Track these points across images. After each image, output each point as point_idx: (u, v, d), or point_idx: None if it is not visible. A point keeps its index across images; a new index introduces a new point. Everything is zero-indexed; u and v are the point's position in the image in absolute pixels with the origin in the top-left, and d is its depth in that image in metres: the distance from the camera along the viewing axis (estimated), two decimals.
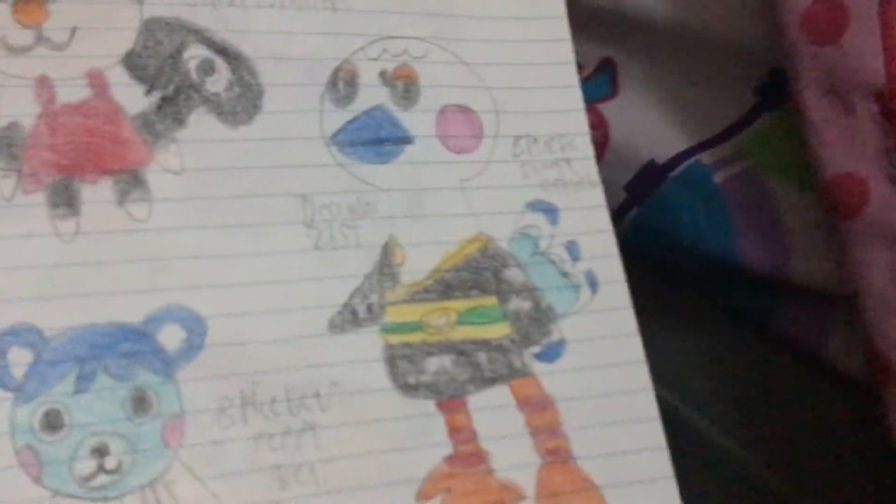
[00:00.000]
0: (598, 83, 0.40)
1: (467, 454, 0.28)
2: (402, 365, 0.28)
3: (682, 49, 0.38)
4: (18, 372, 0.25)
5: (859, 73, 0.31)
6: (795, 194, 0.36)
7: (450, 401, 0.28)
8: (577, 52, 0.41)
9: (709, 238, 0.38)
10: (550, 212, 0.31)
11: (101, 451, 0.25)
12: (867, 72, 0.31)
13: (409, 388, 0.28)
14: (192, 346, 0.27)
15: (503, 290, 0.30)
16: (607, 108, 0.40)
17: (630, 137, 0.39)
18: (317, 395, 0.27)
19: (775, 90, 0.36)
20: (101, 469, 0.25)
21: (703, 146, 0.38)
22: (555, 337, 0.30)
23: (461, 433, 0.28)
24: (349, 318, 0.28)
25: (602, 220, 0.32)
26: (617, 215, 0.40)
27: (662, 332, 0.37)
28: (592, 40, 0.40)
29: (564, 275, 0.31)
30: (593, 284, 0.31)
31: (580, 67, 0.41)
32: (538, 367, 0.30)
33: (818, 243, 0.34)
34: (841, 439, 0.35)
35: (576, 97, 0.33)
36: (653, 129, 0.39)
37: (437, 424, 0.28)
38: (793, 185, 0.36)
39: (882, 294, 0.31)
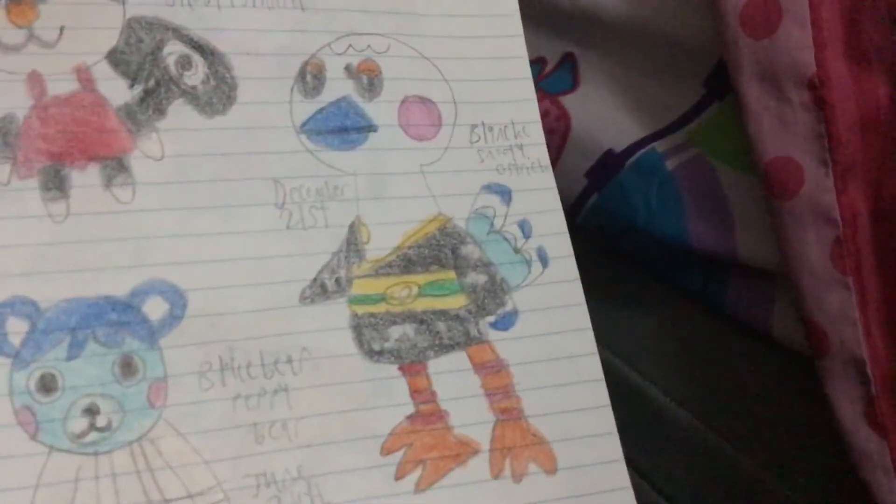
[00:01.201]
0: (561, 77, 0.43)
1: (427, 413, 0.31)
2: (367, 333, 0.31)
3: (635, 44, 0.40)
4: (16, 340, 0.28)
5: (793, 64, 0.34)
6: (741, 178, 0.38)
7: (411, 365, 0.31)
8: (541, 48, 0.44)
9: (662, 221, 0.41)
10: (504, 193, 0.34)
11: (92, 411, 0.28)
12: (799, 63, 0.33)
13: (373, 354, 0.31)
14: (174, 317, 0.30)
15: (461, 265, 0.33)
16: (569, 101, 0.43)
17: (590, 127, 0.42)
18: (289, 360, 0.30)
19: (721, 82, 0.38)
20: (93, 427, 0.28)
21: (656, 135, 0.41)
22: (508, 307, 0.33)
23: (422, 394, 0.31)
24: (318, 291, 0.32)
25: (552, 201, 0.35)
26: (578, 201, 0.43)
27: (617, 310, 0.40)
28: (555, 36, 0.43)
29: (517, 251, 0.34)
30: (544, 259, 0.34)
31: (544, 62, 0.44)
32: (493, 335, 0.33)
33: (762, 224, 0.37)
34: (784, 406, 0.38)
35: (528, 88, 0.36)
36: (611, 119, 0.42)
37: (400, 386, 0.31)
38: (738, 169, 0.38)
39: (817, 270, 0.33)
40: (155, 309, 0.30)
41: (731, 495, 0.37)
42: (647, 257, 0.43)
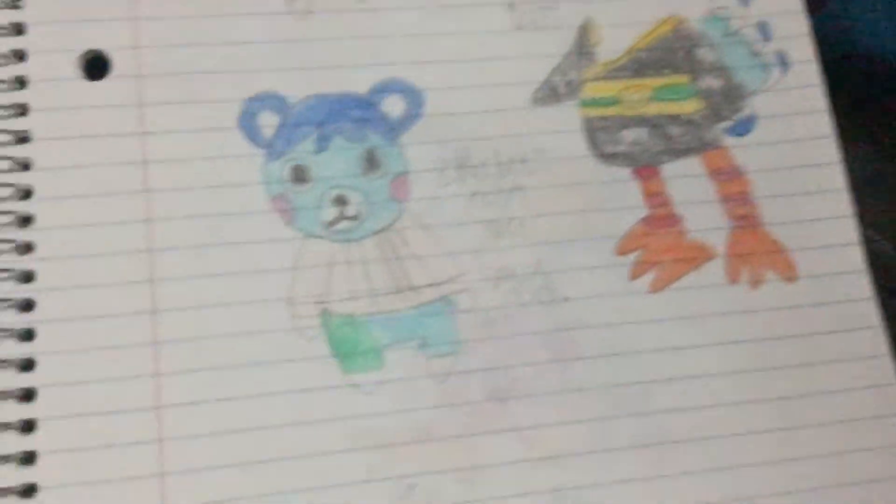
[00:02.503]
0: None
1: (662, 216, 0.31)
2: (599, 135, 0.31)
3: None
4: (268, 132, 0.30)
5: None
6: None
7: (644, 168, 0.31)
8: None
9: (890, 43, 0.38)
10: None
11: (341, 201, 0.30)
12: None
13: (606, 157, 0.31)
14: (412, 115, 0.31)
15: (695, 69, 0.32)
16: None
17: None
18: (523, 161, 0.31)
19: None
20: (343, 216, 0.29)
21: None
22: (745, 112, 0.32)
23: (656, 198, 0.31)
24: (549, 93, 0.32)
25: (793, 2, 0.33)
26: None
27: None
28: None
29: (755, 54, 0.33)
30: (784, 64, 0.33)
31: None
32: (729, 141, 0.32)
33: None
34: None
35: None
36: None
37: (634, 189, 0.31)
38: None
39: None
40: (394, 107, 0.31)
41: None
42: (866, 85, 0.40)
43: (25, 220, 0.28)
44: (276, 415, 0.27)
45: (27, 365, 0.27)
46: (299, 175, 0.30)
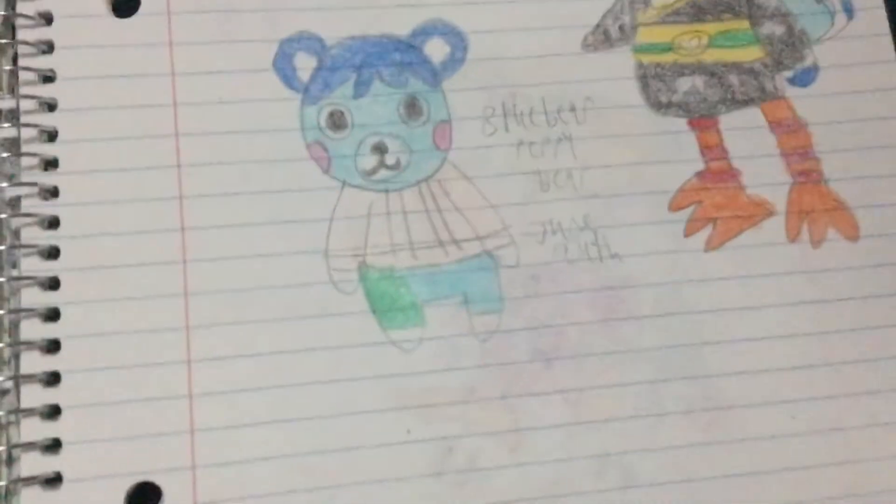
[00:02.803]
0: None
1: (719, 170, 0.29)
2: (653, 84, 0.30)
3: None
4: (304, 76, 0.28)
5: None
6: None
7: (701, 119, 0.30)
8: None
9: None
10: None
11: (380, 149, 0.28)
12: None
13: (660, 106, 0.30)
14: (456, 59, 0.29)
15: (756, 14, 0.31)
16: None
17: None
18: (572, 109, 0.29)
19: None
20: (382, 164, 0.28)
21: None
22: (808, 62, 0.31)
23: (712, 150, 0.30)
24: (601, 38, 0.30)
25: None
26: None
27: None
28: None
29: (819, 0, 0.31)
30: (849, 10, 0.31)
31: None
32: (791, 91, 0.30)
33: None
34: None
35: None
36: None
37: (689, 141, 0.29)
38: None
39: None
40: (436, 51, 0.29)
41: None
42: None
43: (50, 164, 0.27)
44: (312, 372, 0.26)
45: (53, 315, 0.26)
46: (337, 121, 0.28)
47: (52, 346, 0.25)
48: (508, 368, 0.27)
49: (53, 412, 0.25)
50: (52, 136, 0.27)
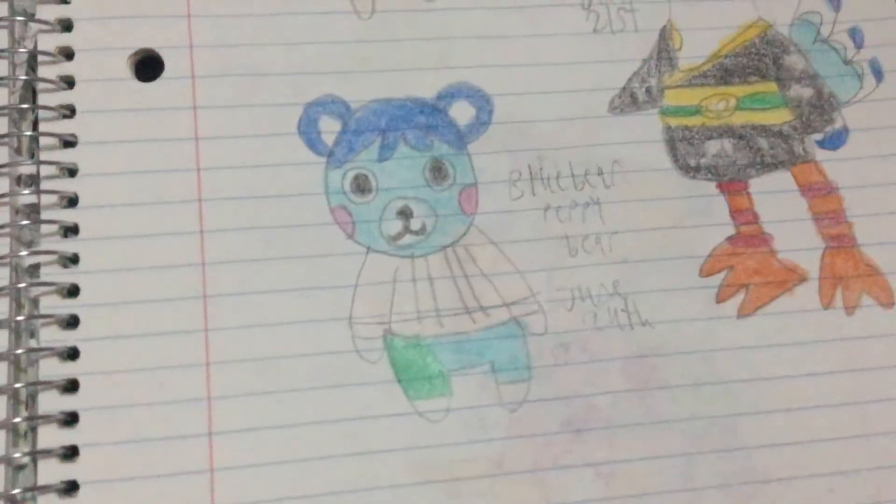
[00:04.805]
0: None
1: (750, 235, 0.30)
2: (681, 147, 0.30)
3: None
4: (329, 139, 0.29)
5: None
6: None
7: (731, 183, 0.30)
8: None
9: None
10: None
11: (406, 214, 0.28)
12: None
13: (689, 169, 0.30)
14: (481, 122, 0.29)
15: (784, 77, 0.31)
16: None
17: None
18: (600, 173, 0.29)
19: None
20: (407, 229, 0.28)
21: None
22: (837, 124, 0.31)
23: (743, 215, 0.30)
24: (628, 101, 0.30)
25: (888, 6, 0.32)
26: None
27: None
28: None
29: (847, 62, 0.31)
30: (878, 73, 0.31)
31: None
32: (820, 154, 0.31)
33: None
34: None
35: None
36: None
37: (719, 205, 0.30)
38: None
39: None
40: (462, 113, 0.29)
41: None
42: None
43: (71, 231, 0.27)
44: (335, 443, 0.26)
45: (71, 387, 0.26)
46: (361, 185, 0.28)
47: (70, 420, 0.25)
48: (538, 440, 0.27)
49: (70, 488, 0.25)
50: (72, 201, 0.27)
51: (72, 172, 0.27)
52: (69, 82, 0.28)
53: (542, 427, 0.27)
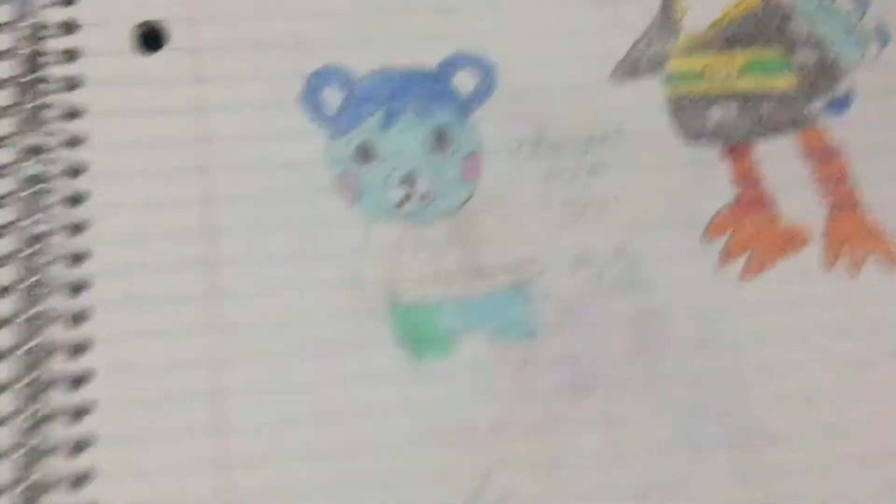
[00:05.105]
0: None
1: (753, 199, 0.30)
2: (685, 113, 0.30)
3: None
4: (332, 108, 0.29)
5: None
6: None
7: (734, 148, 0.30)
8: None
9: None
10: None
11: (409, 181, 0.29)
12: None
13: (692, 135, 0.30)
14: (484, 91, 0.30)
15: (788, 42, 0.31)
16: None
17: None
18: (603, 139, 0.30)
19: None
20: (410, 197, 0.29)
21: None
22: (842, 89, 0.31)
23: (746, 179, 0.30)
24: (631, 68, 0.30)
25: None
26: None
27: None
28: None
29: (851, 26, 0.31)
30: (883, 36, 0.31)
31: None
32: (825, 119, 0.31)
33: None
34: None
35: None
36: None
37: (723, 170, 0.30)
38: None
39: None
40: (465, 82, 0.30)
41: None
42: None
43: (77, 200, 0.27)
44: (342, 404, 0.26)
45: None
46: (365, 153, 0.29)
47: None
48: (542, 399, 0.27)
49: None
50: (77, 172, 0.27)
51: (77, 143, 0.28)
52: (73, 55, 0.28)
53: (546, 387, 0.27)
